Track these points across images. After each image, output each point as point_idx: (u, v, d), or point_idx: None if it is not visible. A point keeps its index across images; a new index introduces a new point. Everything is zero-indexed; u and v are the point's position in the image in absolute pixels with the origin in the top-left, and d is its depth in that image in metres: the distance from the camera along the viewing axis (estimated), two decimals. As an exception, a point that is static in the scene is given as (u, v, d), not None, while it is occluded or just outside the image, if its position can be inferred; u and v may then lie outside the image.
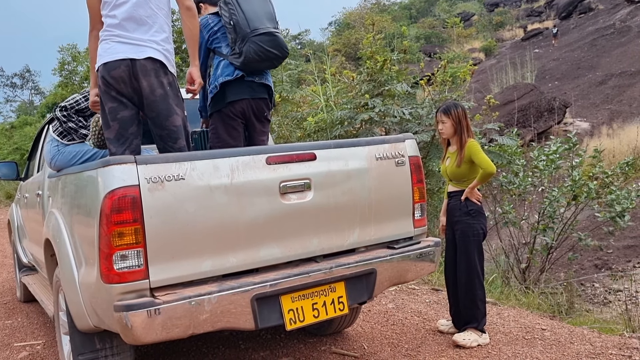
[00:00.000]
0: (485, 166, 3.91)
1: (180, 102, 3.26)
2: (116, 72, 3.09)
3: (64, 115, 3.49)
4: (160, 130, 3.22)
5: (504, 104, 16.72)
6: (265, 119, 3.89)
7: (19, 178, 5.63)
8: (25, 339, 4.76)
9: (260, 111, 3.81)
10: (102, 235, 2.48)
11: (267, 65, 3.73)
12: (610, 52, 26.11)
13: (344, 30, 41.17)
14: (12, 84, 38.15)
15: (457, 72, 8.33)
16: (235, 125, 3.73)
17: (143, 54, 3.09)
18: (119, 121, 3.19)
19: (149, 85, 3.12)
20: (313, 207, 2.96)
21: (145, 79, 3.10)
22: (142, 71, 3.09)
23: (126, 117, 3.19)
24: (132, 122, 3.22)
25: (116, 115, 3.18)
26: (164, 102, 3.16)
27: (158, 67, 3.13)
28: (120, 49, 3.10)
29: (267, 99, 3.83)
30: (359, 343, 4.14)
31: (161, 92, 3.15)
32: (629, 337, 4.20)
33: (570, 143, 6.85)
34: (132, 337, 2.48)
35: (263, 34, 3.60)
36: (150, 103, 3.16)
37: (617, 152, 14.25)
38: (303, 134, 8.23)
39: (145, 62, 3.09)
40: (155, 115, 3.19)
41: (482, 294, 4.06)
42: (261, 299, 2.73)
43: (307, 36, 44.52)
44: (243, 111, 3.73)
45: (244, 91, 3.70)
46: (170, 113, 3.19)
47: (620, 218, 6.50)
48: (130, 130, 3.21)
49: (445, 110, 4.06)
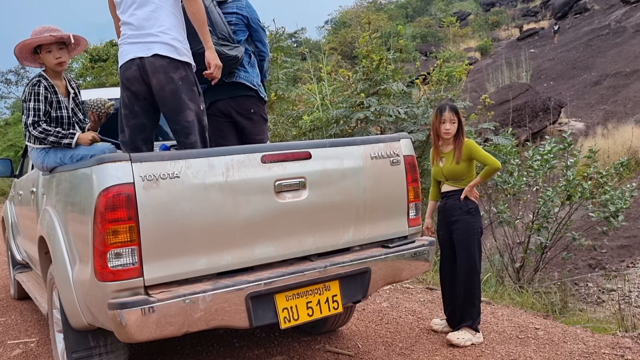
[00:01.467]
0: (490, 162, 3.97)
1: (195, 96, 3.27)
2: (128, 72, 3.19)
3: (40, 132, 3.41)
4: (173, 125, 3.29)
5: (499, 103, 16.74)
6: (254, 117, 3.86)
7: (14, 175, 5.61)
8: (19, 337, 4.75)
9: (244, 109, 3.80)
10: (97, 232, 2.48)
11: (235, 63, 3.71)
12: (606, 52, 26.20)
13: (340, 28, 41.16)
14: (7, 81, 37.95)
15: (452, 71, 8.35)
16: (219, 126, 3.77)
17: (150, 52, 3.13)
18: (130, 128, 3.31)
19: (158, 82, 3.16)
20: (308, 206, 2.96)
21: (154, 76, 3.15)
22: (151, 69, 3.14)
23: (137, 125, 3.31)
24: (142, 129, 3.33)
25: (128, 122, 3.32)
26: (174, 97, 3.19)
27: (166, 63, 3.15)
28: (130, 50, 3.17)
29: (251, 96, 3.81)
30: (353, 342, 4.14)
31: (171, 88, 3.17)
32: (621, 337, 4.22)
33: (565, 143, 6.87)
34: (126, 335, 2.48)
35: None
36: (161, 99, 3.21)
37: (612, 152, 14.30)
38: (299, 132, 8.23)
39: (152, 59, 3.13)
40: (166, 110, 3.26)
41: (479, 293, 4.10)
42: (256, 297, 2.73)
43: (303, 34, 44.40)
44: (223, 110, 3.77)
45: (219, 92, 3.75)
46: (181, 108, 3.21)
47: (614, 218, 6.53)
48: (141, 137, 3.34)
49: (455, 108, 4.06)
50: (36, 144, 3.46)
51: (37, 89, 3.46)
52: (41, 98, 3.45)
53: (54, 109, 3.53)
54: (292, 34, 39.74)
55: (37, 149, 3.49)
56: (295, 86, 10.62)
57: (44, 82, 3.51)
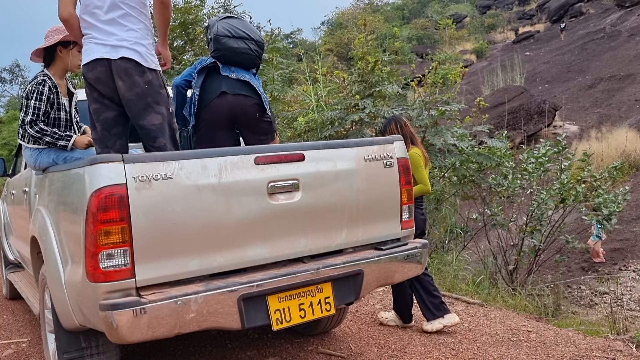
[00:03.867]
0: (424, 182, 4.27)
1: (163, 100, 3.24)
2: (93, 73, 3.13)
3: (37, 132, 3.42)
4: (140, 128, 3.23)
5: (494, 106, 16.80)
6: (259, 125, 3.80)
7: (6, 174, 5.59)
8: (10, 337, 4.73)
9: (247, 111, 3.73)
10: (89, 233, 2.47)
11: (242, 55, 3.73)
12: (600, 56, 26.32)
13: (336, 30, 41.23)
14: (1, 79, 37.82)
15: (448, 73, 8.36)
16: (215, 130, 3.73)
17: (117, 54, 3.09)
18: (102, 122, 3.23)
19: (124, 84, 3.12)
20: (301, 208, 2.96)
21: (120, 79, 3.11)
22: (117, 71, 3.10)
23: (109, 118, 3.23)
24: (115, 123, 3.25)
25: (99, 116, 3.23)
26: (140, 100, 3.16)
27: (133, 66, 3.12)
28: (96, 49, 3.12)
29: (251, 97, 3.74)
30: (346, 343, 4.15)
31: (137, 91, 3.14)
32: (613, 340, 4.24)
33: (559, 146, 6.90)
34: (118, 337, 2.47)
35: (231, 17, 3.82)
36: (127, 102, 3.17)
37: (606, 155, 14.37)
38: (293, 133, 8.23)
39: (120, 62, 3.09)
40: (133, 115, 3.21)
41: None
42: (248, 298, 2.72)
43: (299, 35, 44.45)
44: (225, 112, 3.70)
45: (220, 86, 3.71)
46: (147, 112, 3.18)
47: (607, 221, 6.56)
48: (114, 131, 3.25)
49: (382, 129, 4.46)
50: (30, 144, 3.45)
51: (41, 87, 3.46)
52: (44, 98, 3.45)
53: (53, 110, 3.53)
54: (288, 35, 39.78)
55: (31, 149, 3.48)
56: (291, 87, 10.61)
57: (49, 82, 3.51)
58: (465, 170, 7.28)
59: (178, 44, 11.97)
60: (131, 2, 3.16)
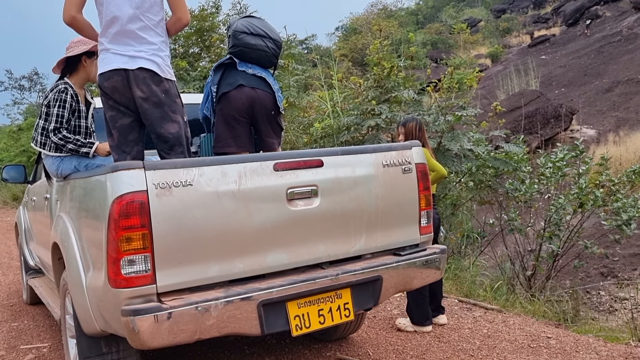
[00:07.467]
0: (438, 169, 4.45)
1: (178, 109, 3.30)
2: (110, 82, 3.18)
3: (60, 139, 3.47)
4: (157, 137, 3.28)
5: (510, 110, 16.67)
6: (273, 123, 3.85)
7: (27, 181, 5.66)
8: (31, 342, 4.78)
9: (265, 104, 3.76)
10: (110, 239, 2.50)
11: (258, 52, 3.76)
12: (617, 59, 26.03)
13: (350, 35, 41.20)
14: (20, 87, 38.23)
15: (463, 78, 8.33)
16: (233, 123, 3.75)
17: (135, 64, 3.14)
18: (118, 129, 3.29)
19: (142, 94, 3.17)
20: (320, 214, 2.97)
21: (137, 88, 3.16)
22: (135, 81, 3.15)
23: (125, 124, 3.29)
24: (131, 130, 3.31)
25: (115, 123, 3.29)
26: (157, 110, 3.21)
27: (150, 76, 3.17)
28: (114, 59, 3.17)
29: (268, 92, 3.78)
30: (364, 349, 4.14)
31: (155, 100, 3.19)
32: (634, 346, 4.19)
33: (577, 150, 6.84)
34: (139, 342, 2.49)
35: (252, 17, 3.91)
36: (144, 111, 3.22)
37: (624, 159, 14.21)
38: (309, 139, 8.24)
39: (137, 72, 3.15)
40: (150, 123, 3.26)
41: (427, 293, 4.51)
42: (267, 304, 2.74)
43: (313, 41, 44.47)
44: (243, 103, 3.73)
45: (237, 79, 3.75)
46: (164, 121, 3.23)
47: (626, 226, 6.48)
48: (130, 138, 3.31)
49: (402, 123, 4.64)
50: (52, 151, 3.50)
51: (64, 96, 3.53)
52: (67, 105, 3.52)
53: (74, 118, 3.59)
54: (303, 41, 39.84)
55: (52, 157, 3.53)
56: (307, 93, 10.64)
57: (70, 90, 3.58)
58: (482, 175, 7.24)
59: (194, 50, 12.07)
60: (150, 15, 3.20)
